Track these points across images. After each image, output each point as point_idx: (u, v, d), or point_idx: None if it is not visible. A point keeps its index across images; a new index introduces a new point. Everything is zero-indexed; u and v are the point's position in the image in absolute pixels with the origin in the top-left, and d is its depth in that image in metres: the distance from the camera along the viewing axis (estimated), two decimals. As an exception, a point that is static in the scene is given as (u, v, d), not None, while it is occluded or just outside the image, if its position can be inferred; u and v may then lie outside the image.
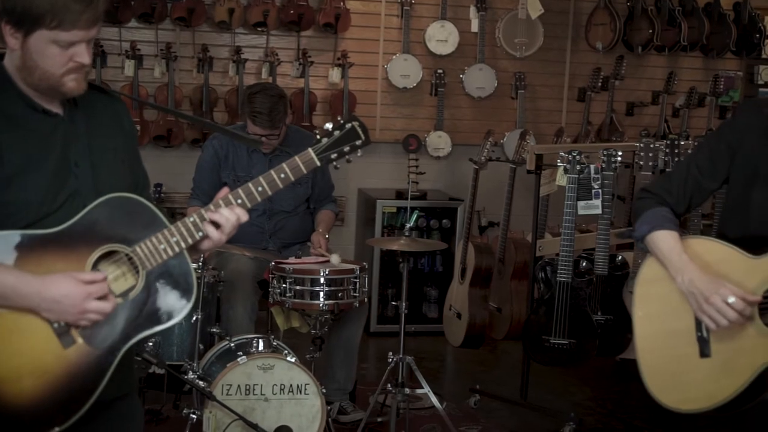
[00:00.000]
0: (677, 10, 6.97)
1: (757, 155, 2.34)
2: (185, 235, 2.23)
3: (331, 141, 2.26)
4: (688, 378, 2.39)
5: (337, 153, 2.27)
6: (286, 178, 2.27)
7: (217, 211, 2.25)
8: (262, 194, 2.28)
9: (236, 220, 2.26)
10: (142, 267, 2.21)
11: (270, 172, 2.28)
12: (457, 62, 6.81)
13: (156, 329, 2.25)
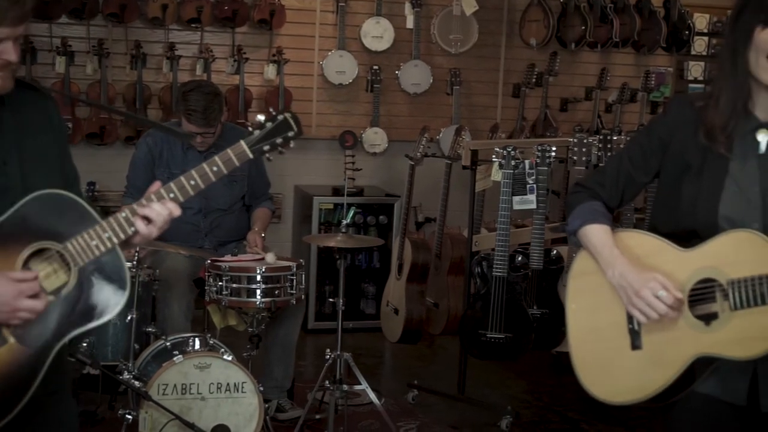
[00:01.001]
0: (609, 7, 7.06)
1: (687, 149, 2.36)
2: (117, 230, 2.20)
3: (264, 133, 2.24)
4: (620, 370, 2.41)
5: (270, 145, 2.25)
6: (219, 171, 2.25)
7: (148, 206, 2.22)
8: (195, 188, 2.25)
9: (168, 214, 2.23)
10: (74, 264, 2.18)
11: (202, 166, 2.26)
12: (392, 58, 6.82)
13: (90, 326, 2.22)
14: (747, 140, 2.31)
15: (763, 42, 2.21)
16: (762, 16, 2.21)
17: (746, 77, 2.27)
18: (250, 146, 2.24)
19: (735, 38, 2.27)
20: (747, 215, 2.28)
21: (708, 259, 2.27)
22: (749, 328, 2.19)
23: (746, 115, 2.31)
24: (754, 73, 2.25)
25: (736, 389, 2.33)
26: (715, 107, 2.31)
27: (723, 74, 2.31)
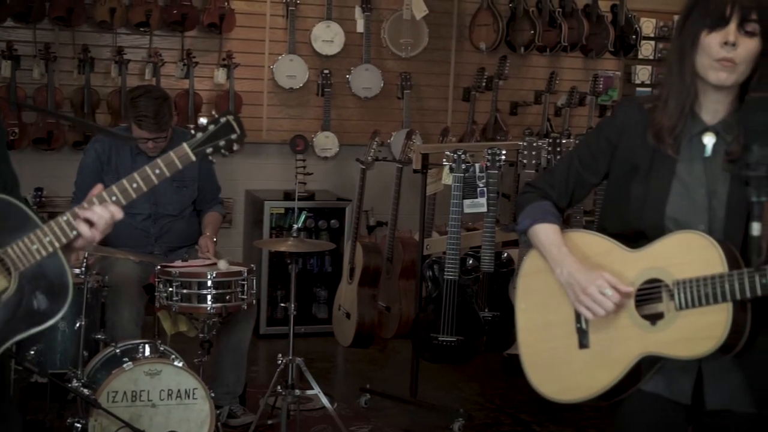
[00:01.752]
0: (557, 11, 7.13)
1: (635, 151, 2.38)
2: (58, 234, 2.18)
3: (206, 135, 2.24)
4: (568, 368, 2.43)
5: (213, 147, 2.24)
6: (161, 173, 2.23)
7: (90, 209, 2.20)
8: (137, 191, 2.24)
9: (110, 217, 2.21)
10: (15, 268, 2.15)
11: (145, 168, 2.24)
12: (343, 62, 6.83)
13: (32, 331, 2.19)
14: (693, 143, 2.34)
15: (708, 46, 2.24)
16: (708, 21, 2.24)
17: (694, 80, 2.30)
18: (192, 148, 2.24)
19: (682, 42, 2.30)
20: (693, 217, 2.31)
21: (654, 260, 2.29)
22: (694, 328, 2.21)
23: (693, 118, 2.33)
24: (701, 74, 2.27)
25: (681, 388, 2.36)
26: (664, 109, 2.34)
27: (671, 77, 2.34)
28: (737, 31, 2.22)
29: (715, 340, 2.17)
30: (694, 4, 2.30)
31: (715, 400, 2.35)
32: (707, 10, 2.24)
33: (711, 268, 2.19)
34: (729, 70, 2.23)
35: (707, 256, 2.20)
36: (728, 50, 2.22)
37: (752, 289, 2.12)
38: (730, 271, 2.16)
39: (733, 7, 2.22)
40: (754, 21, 2.22)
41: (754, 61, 2.24)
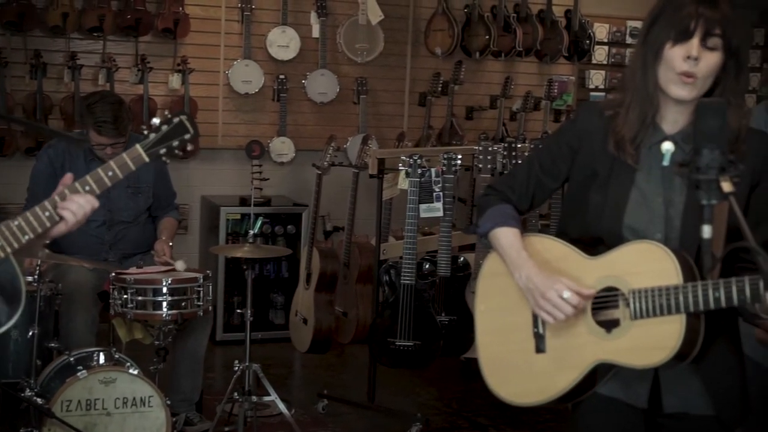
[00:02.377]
0: (512, 16, 7.17)
1: (595, 157, 2.39)
2: (10, 239, 2.15)
3: (159, 136, 2.22)
4: (524, 372, 2.44)
5: (166, 148, 2.23)
6: (114, 175, 2.21)
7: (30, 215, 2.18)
8: (91, 192, 2.22)
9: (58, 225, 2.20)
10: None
11: (97, 171, 2.23)
12: (298, 67, 6.81)
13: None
14: (653, 152, 2.35)
15: (671, 59, 2.25)
16: (672, 33, 2.25)
17: (656, 90, 2.31)
18: (146, 149, 2.22)
19: (645, 52, 2.31)
20: (650, 226, 2.33)
21: (612, 268, 2.31)
22: (648, 337, 2.23)
23: (654, 128, 2.35)
24: (663, 87, 2.29)
25: (638, 393, 2.38)
26: (625, 118, 2.35)
27: (633, 86, 2.35)
28: (700, 46, 2.23)
29: (668, 350, 2.19)
30: (659, 13, 2.30)
31: (673, 405, 2.38)
32: (672, 22, 2.25)
33: (666, 278, 2.20)
34: (690, 86, 2.25)
35: (663, 267, 2.22)
36: (691, 64, 2.23)
37: (705, 303, 2.14)
38: (685, 282, 2.17)
39: (698, 21, 2.23)
40: (717, 36, 2.24)
41: (715, 75, 2.27)
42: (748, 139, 2.32)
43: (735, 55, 2.27)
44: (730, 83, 2.29)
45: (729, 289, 2.12)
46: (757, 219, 2.33)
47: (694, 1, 2.24)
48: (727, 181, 2.07)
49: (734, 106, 2.27)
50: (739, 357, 2.41)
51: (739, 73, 2.29)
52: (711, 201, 2.08)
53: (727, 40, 2.25)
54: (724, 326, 2.34)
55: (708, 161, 2.07)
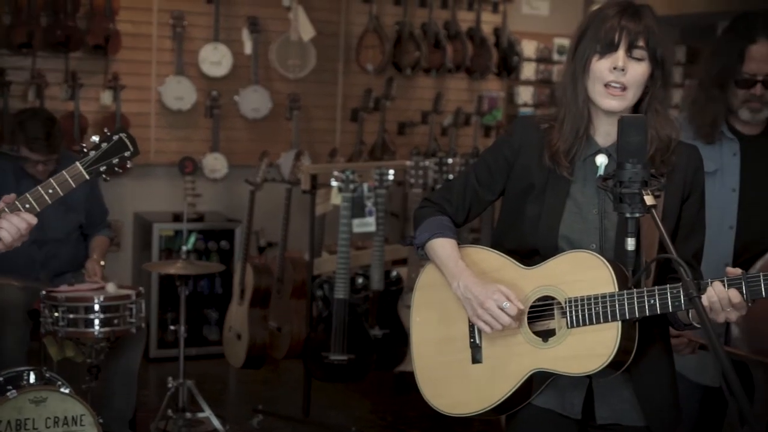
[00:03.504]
0: (442, 34, 7.27)
1: (531, 170, 2.43)
2: None
3: (99, 153, 2.23)
4: (461, 383, 2.46)
5: (106, 165, 2.24)
6: (55, 193, 2.22)
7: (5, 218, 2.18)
8: (31, 211, 2.22)
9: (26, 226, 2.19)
10: None
11: (38, 189, 2.23)
12: (231, 84, 6.82)
13: None
14: (587, 164, 2.40)
15: (599, 71, 2.31)
16: (597, 47, 2.31)
17: (587, 104, 2.36)
18: (86, 167, 2.23)
19: (575, 66, 2.36)
20: (585, 236, 2.37)
21: (548, 278, 2.34)
22: (584, 345, 2.27)
23: (587, 140, 2.40)
24: (593, 100, 2.35)
25: (572, 403, 2.41)
26: (559, 132, 2.40)
27: (566, 100, 2.40)
28: (626, 57, 2.30)
29: (604, 357, 2.23)
30: (585, 29, 2.37)
31: (605, 415, 2.41)
32: (597, 35, 2.32)
33: (602, 287, 2.25)
34: (619, 97, 2.31)
35: (598, 276, 2.26)
36: (617, 75, 2.29)
37: (641, 310, 2.20)
38: (620, 290, 2.22)
39: (622, 32, 2.30)
40: (642, 47, 2.31)
41: (643, 84, 2.33)
42: (678, 151, 2.39)
43: (661, 65, 2.34)
44: (658, 92, 2.36)
45: (664, 296, 2.18)
46: (688, 230, 2.41)
47: (618, 14, 2.31)
48: (649, 195, 2.14)
49: (662, 116, 2.35)
50: (671, 369, 2.46)
51: (665, 83, 2.37)
52: (634, 214, 2.15)
53: (652, 50, 2.32)
54: (657, 338, 2.40)
55: (631, 175, 2.14)
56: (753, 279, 2.14)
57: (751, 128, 3.21)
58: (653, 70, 2.33)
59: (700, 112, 3.18)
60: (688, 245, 2.38)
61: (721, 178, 3.20)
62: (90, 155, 2.22)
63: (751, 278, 2.14)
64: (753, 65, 3.09)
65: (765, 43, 3.09)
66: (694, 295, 2.06)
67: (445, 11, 7.35)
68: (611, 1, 2.38)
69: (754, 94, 3.10)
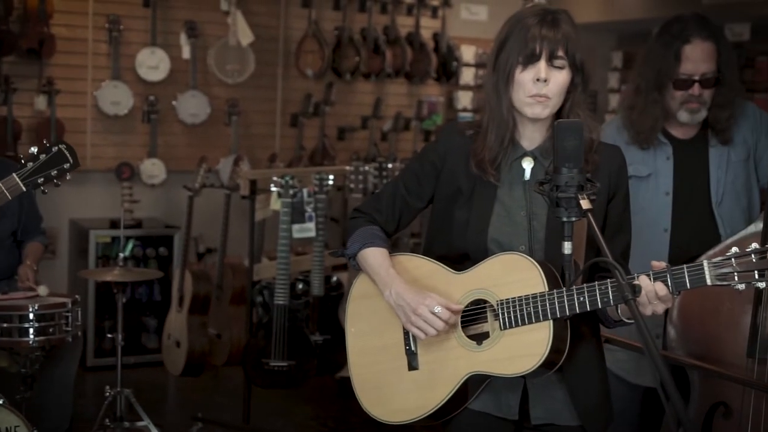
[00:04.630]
0: (381, 39, 7.28)
1: (458, 176, 2.45)
2: None
3: (37, 165, 2.20)
4: (397, 390, 2.47)
5: (44, 177, 2.21)
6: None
7: None
8: None
9: None
10: None
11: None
12: (169, 89, 6.75)
13: None
14: (513, 168, 2.43)
15: (522, 82, 2.34)
16: (520, 58, 2.34)
17: (510, 113, 2.39)
18: (23, 179, 2.20)
19: (497, 77, 2.39)
20: (514, 238, 2.40)
21: (479, 281, 2.36)
22: (517, 346, 2.29)
23: (513, 145, 2.43)
24: (518, 108, 2.38)
25: (508, 404, 2.44)
26: (484, 140, 2.42)
27: (490, 108, 2.42)
28: (547, 67, 2.33)
29: (538, 357, 2.25)
30: (505, 39, 2.39)
31: (540, 416, 2.44)
32: (518, 47, 2.34)
33: (532, 287, 2.28)
34: (543, 104, 2.34)
35: (528, 276, 2.29)
36: (540, 86, 2.32)
37: (571, 308, 2.23)
38: (550, 290, 2.25)
39: (542, 43, 2.33)
40: (562, 57, 2.34)
41: (565, 91, 2.37)
42: (601, 151, 2.43)
43: (581, 71, 2.38)
44: (578, 97, 2.40)
45: (593, 292, 2.22)
46: (615, 229, 2.45)
47: (537, 25, 2.34)
48: (585, 199, 2.16)
49: (582, 118, 2.38)
50: (602, 368, 2.50)
51: (585, 87, 2.41)
52: (571, 218, 2.17)
53: (572, 57, 2.36)
54: (588, 337, 2.43)
55: (567, 180, 2.16)
56: (677, 271, 2.17)
57: (684, 132, 3.27)
58: (573, 75, 2.37)
59: (639, 117, 3.22)
60: (615, 244, 2.42)
61: (655, 182, 3.25)
62: (27, 166, 2.19)
63: (675, 271, 2.17)
64: (689, 66, 3.14)
65: (699, 43, 3.15)
66: (629, 297, 2.08)
67: (384, 16, 7.37)
68: (529, 9, 2.42)
69: (693, 94, 3.15)
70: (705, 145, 3.26)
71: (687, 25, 3.18)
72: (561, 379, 2.40)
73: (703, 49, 3.15)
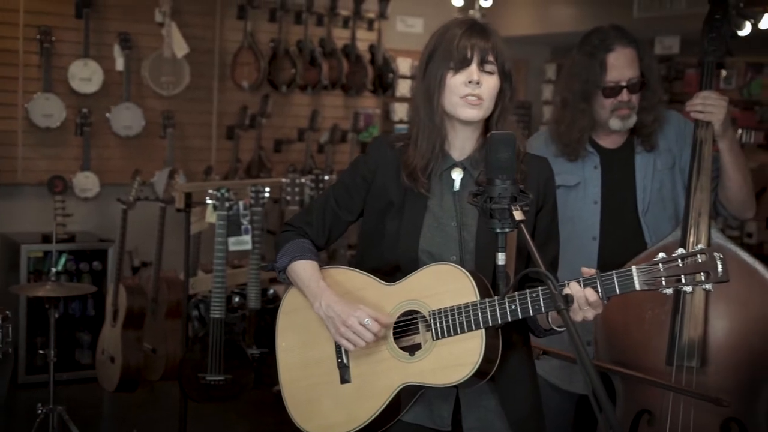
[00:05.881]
0: (317, 51, 7.29)
1: (389, 188, 2.46)
2: None
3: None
4: (330, 404, 2.47)
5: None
6: None
7: None
8: None
9: None
10: None
11: None
12: (102, 101, 6.67)
13: None
14: (443, 178, 2.45)
15: (454, 85, 2.37)
16: (451, 63, 2.37)
17: (442, 119, 2.41)
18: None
19: (428, 84, 2.41)
20: (445, 249, 2.41)
21: (410, 292, 2.37)
22: (449, 356, 2.30)
23: (443, 155, 2.45)
24: (450, 113, 2.39)
25: (441, 415, 2.44)
26: (415, 149, 2.43)
27: (420, 118, 2.44)
28: (479, 71, 2.37)
29: (470, 366, 2.26)
30: (434, 49, 2.43)
31: (472, 425, 2.45)
32: (449, 54, 2.38)
33: (464, 297, 2.29)
34: (477, 107, 2.37)
35: (460, 286, 2.30)
36: (473, 88, 2.35)
37: (503, 316, 2.24)
38: (482, 299, 2.27)
39: (473, 49, 2.37)
40: (492, 62, 2.38)
41: (495, 97, 2.40)
42: (528, 162, 2.46)
43: (509, 79, 2.42)
44: (507, 105, 2.44)
45: (524, 301, 2.23)
46: (544, 240, 2.48)
47: (466, 34, 2.39)
48: (518, 210, 2.18)
49: (510, 126, 2.41)
50: (533, 377, 2.52)
51: (513, 96, 2.45)
52: (505, 229, 2.18)
53: (501, 65, 2.40)
54: (518, 347, 2.45)
55: (500, 191, 2.18)
56: (607, 277, 2.20)
57: (611, 142, 3.32)
58: (503, 82, 2.41)
59: (567, 130, 3.26)
60: (544, 254, 2.43)
61: (584, 191, 3.29)
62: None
63: (605, 277, 2.20)
64: (615, 73, 3.19)
65: (622, 50, 3.21)
66: (562, 308, 2.10)
67: (320, 28, 7.38)
68: (455, 21, 2.46)
69: (622, 100, 3.20)
70: (631, 154, 3.31)
71: (607, 34, 3.24)
72: (493, 389, 2.42)
73: (626, 55, 3.21)
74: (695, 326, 2.95)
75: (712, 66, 3.16)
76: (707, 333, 2.95)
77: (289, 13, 7.24)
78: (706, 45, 3.16)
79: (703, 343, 2.94)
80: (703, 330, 2.94)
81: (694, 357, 2.94)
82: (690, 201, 3.06)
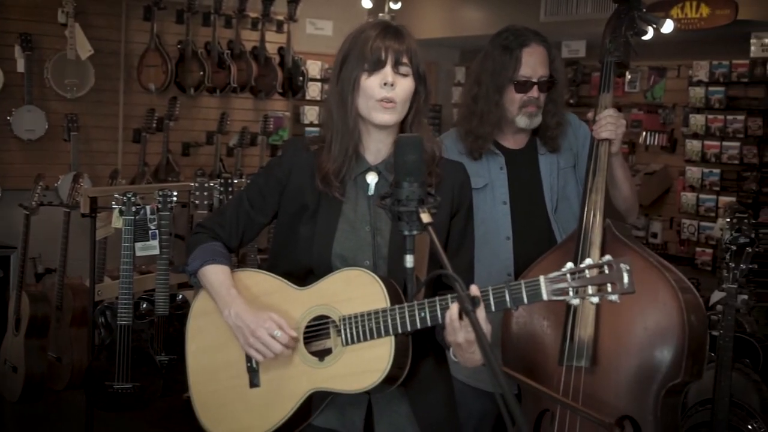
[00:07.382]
0: (226, 53, 7.22)
1: (303, 191, 2.44)
2: None
3: None
4: (239, 408, 2.44)
5: None
6: None
7: None
8: None
9: None
10: None
11: None
12: (3, 104, 6.52)
13: None
14: (358, 182, 2.43)
15: (369, 88, 2.35)
16: (365, 65, 2.35)
17: (357, 122, 2.40)
18: None
19: (342, 87, 2.39)
20: (359, 253, 2.39)
21: (322, 297, 2.35)
22: (359, 362, 2.29)
23: (357, 159, 2.43)
24: (365, 116, 2.38)
25: (352, 420, 2.43)
26: (328, 153, 2.41)
27: (333, 121, 2.42)
28: (393, 73, 2.35)
29: (380, 372, 2.25)
30: (348, 52, 2.40)
31: (384, 430, 2.43)
32: (363, 56, 2.36)
33: (374, 303, 2.27)
34: (391, 110, 2.35)
35: (370, 292, 2.28)
36: (388, 90, 2.34)
37: (412, 323, 2.23)
38: (392, 306, 2.25)
39: (387, 51, 2.35)
40: (406, 64, 2.37)
41: (410, 99, 2.39)
42: (443, 167, 2.46)
43: (423, 81, 2.41)
44: (422, 107, 2.43)
45: (433, 308, 2.22)
46: (458, 244, 2.47)
47: (380, 36, 2.37)
48: (425, 213, 2.18)
49: (425, 130, 2.41)
50: (447, 384, 2.52)
51: (427, 98, 2.44)
52: (412, 231, 2.18)
53: (415, 67, 2.39)
54: (431, 353, 2.44)
55: (408, 194, 2.17)
56: (515, 287, 2.17)
57: (515, 143, 3.35)
58: (417, 85, 2.40)
59: (480, 123, 3.27)
60: (460, 258, 2.44)
61: (492, 192, 3.31)
62: None
63: (513, 286, 2.18)
64: (528, 69, 3.22)
65: (536, 47, 3.24)
66: (469, 309, 2.10)
67: (228, 30, 7.32)
68: (369, 24, 2.45)
69: (532, 96, 3.22)
70: (535, 154, 3.35)
71: (521, 31, 3.27)
72: (404, 394, 2.41)
73: (539, 53, 3.24)
74: (585, 326, 2.98)
75: (611, 66, 3.21)
76: (598, 333, 2.98)
77: (197, 15, 7.17)
78: (608, 44, 3.21)
79: (594, 343, 2.97)
80: (593, 330, 2.98)
81: (583, 357, 2.97)
82: (585, 201, 3.10)
